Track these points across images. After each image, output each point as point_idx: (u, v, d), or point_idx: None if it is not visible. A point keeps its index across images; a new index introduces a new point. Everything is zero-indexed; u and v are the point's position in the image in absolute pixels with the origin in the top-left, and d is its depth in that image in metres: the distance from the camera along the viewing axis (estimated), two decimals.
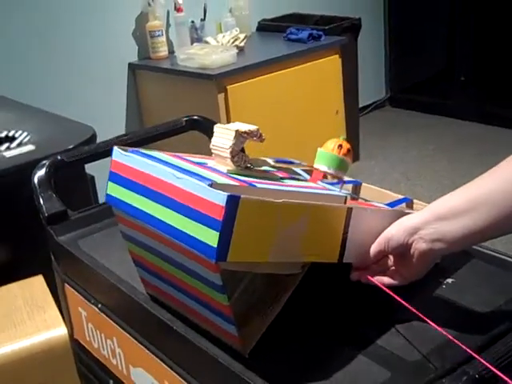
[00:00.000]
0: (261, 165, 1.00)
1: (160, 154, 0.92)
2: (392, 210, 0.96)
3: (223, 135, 0.91)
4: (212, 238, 0.74)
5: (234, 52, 3.16)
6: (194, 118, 1.48)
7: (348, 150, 1.00)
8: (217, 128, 0.93)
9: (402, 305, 0.83)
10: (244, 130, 0.90)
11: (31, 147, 1.92)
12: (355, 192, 1.12)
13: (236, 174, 0.90)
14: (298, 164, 1.08)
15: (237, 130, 0.90)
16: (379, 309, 0.93)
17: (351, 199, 0.99)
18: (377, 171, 3.86)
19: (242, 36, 3.41)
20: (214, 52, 3.15)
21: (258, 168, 0.97)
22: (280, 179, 0.96)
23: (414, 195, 1.12)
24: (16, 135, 2.02)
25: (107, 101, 3.39)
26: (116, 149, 0.92)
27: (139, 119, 3.54)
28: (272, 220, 0.78)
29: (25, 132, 2.04)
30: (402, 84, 4.84)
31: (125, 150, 0.91)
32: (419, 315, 0.83)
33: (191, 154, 0.96)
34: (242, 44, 3.37)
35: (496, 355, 0.76)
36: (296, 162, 1.08)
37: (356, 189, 1.12)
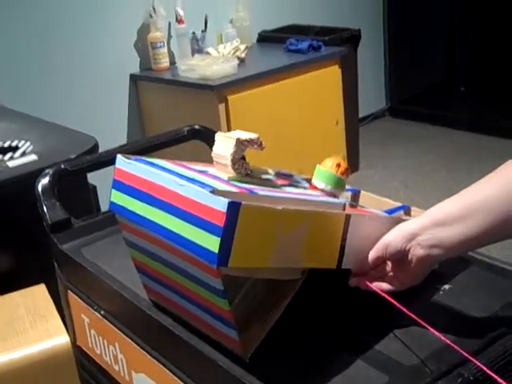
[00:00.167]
0: (261, 173, 1.01)
1: (162, 162, 0.92)
2: (390, 217, 0.98)
3: (224, 143, 0.92)
4: (213, 244, 0.75)
5: (235, 63, 3.17)
6: (196, 128, 1.48)
7: (346, 170, 1.01)
8: (218, 136, 0.94)
9: (400, 310, 0.84)
10: (245, 138, 0.91)
11: (34, 157, 1.93)
12: (354, 200, 1.13)
13: (237, 181, 0.91)
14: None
15: (237, 138, 0.91)
16: (377, 314, 0.93)
17: (350, 206, 1.00)
18: (376, 180, 3.87)
19: (243, 47, 3.42)
20: (215, 63, 3.16)
21: (259, 176, 0.99)
22: (280, 186, 0.97)
23: (413, 204, 1.14)
24: (19, 145, 2.03)
25: (109, 111, 3.41)
26: (119, 157, 0.93)
27: (141, 129, 3.55)
28: (272, 226, 0.79)
29: (27, 142, 2.05)
30: (402, 94, 4.84)
31: (128, 158, 0.92)
32: (417, 320, 0.83)
33: (193, 162, 0.97)
34: (243, 55, 3.38)
35: (491, 358, 0.78)
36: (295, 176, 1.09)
37: (355, 197, 1.14)
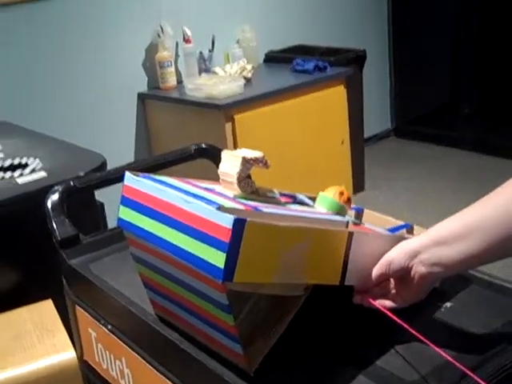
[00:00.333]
0: (266, 191, 1.03)
1: (170, 180, 0.94)
2: (392, 235, 0.99)
3: (230, 161, 0.94)
4: (219, 259, 0.76)
5: (242, 82, 3.19)
6: (202, 146, 1.50)
7: (348, 199, 1.02)
8: (224, 154, 0.96)
9: (402, 327, 0.86)
10: (250, 157, 0.93)
11: (43, 174, 1.96)
12: (357, 218, 1.15)
13: (242, 199, 0.92)
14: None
15: (243, 157, 0.92)
16: (379, 330, 0.95)
17: (353, 225, 1.02)
18: (381, 201, 3.88)
19: (250, 67, 3.44)
20: (222, 82, 3.19)
21: (264, 194, 1.01)
22: (284, 204, 0.99)
23: (417, 225, 1.15)
24: (28, 162, 2.06)
25: (117, 129, 3.44)
26: (128, 174, 0.94)
27: (148, 147, 3.58)
28: (276, 242, 0.81)
29: (37, 159, 2.08)
30: (407, 115, 4.86)
31: (136, 176, 0.94)
32: (419, 336, 0.84)
33: (199, 180, 0.99)
34: (249, 75, 3.41)
35: (489, 372, 0.79)
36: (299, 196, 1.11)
37: (358, 215, 1.16)
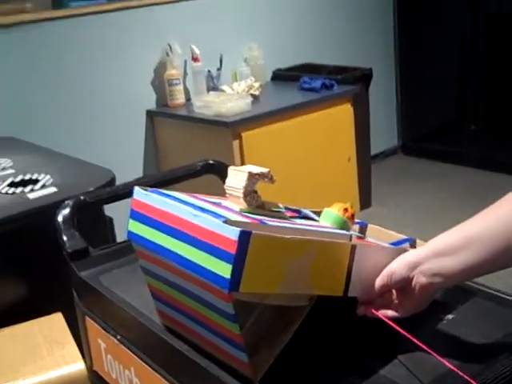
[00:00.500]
0: (272, 206, 1.06)
1: (178, 194, 0.97)
2: (394, 248, 1.02)
3: (237, 176, 0.96)
4: (225, 270, 0.79)
5: (249, 100, 3.22)
6: (209, 162, 1.53)
7: (352, 215, 1.05)
8: (231, 170, 0.98)
9: (405, 337, 0.88)
10: (256, 172, 0.96)
11: (54, 189, 1.99)
12: (361, 232, 1.17)
13: (248, 213, 0.95)
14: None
15: (249, 172, 0.95)
16: (382, 340, 0.97)
17: (357, 238, 1.04)
18: (388, 218, 3.87)
19: (257, 85, 3.48)
20: (230, 100, 3.21)
21: (269, 208, 1.03)
22: (289, 218, 1.02)
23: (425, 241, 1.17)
24: (39, 178, 2.09)
25: (126, 146, 3.47)
26: (137, 188, 0.97)
27: (156, 164, 3.60)
28: (281, 254, 0.83)
29: (47, 175, 2.11)
30: (414, 132, 4.88)
31: (145, 190, 0.97)
32: (421, 346, 0.86)
33: (206, 195, 1.02)
34: (257, 92, 3.43)
35: (489, 379, 0.81)
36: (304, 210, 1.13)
37: (362, 229, 1.18)
